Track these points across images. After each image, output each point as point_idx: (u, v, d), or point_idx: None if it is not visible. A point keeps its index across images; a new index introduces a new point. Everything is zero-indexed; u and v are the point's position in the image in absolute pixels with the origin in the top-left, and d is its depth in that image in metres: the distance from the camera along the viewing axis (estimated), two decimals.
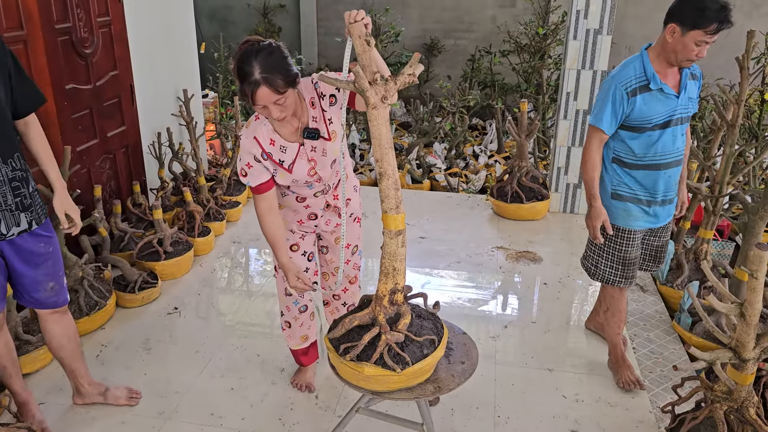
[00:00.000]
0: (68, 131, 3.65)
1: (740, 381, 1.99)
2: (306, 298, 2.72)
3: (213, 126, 5.88)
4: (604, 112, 2.58)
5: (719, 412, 2.02)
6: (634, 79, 2.54)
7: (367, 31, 1.81)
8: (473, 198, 5.38)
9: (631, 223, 2.73)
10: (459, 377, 2.04)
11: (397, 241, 1.96)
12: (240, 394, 2.85)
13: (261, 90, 2.02)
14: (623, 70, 2.58)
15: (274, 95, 2.04)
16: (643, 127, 2.57)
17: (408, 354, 1.92)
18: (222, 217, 4.53)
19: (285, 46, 2.16)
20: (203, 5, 9.02)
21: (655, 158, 2.62)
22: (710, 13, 2.35)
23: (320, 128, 2.27)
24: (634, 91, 2.53)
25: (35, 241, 2.28)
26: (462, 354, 2.15)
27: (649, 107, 2.54)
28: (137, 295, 3.53)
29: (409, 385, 1.97)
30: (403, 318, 1.98)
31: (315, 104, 2.26)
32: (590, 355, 3.17)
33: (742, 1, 7.83)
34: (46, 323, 2.49)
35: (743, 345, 1.94)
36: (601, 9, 4.43)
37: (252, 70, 2.01)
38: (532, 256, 4.28)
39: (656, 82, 2.52)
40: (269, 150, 2.26)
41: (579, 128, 4.76)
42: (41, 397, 2.78)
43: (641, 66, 2.55)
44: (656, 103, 2.54)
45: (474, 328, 3.41)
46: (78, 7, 3.70)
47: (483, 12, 8.63)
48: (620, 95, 2.54)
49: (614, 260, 2.81)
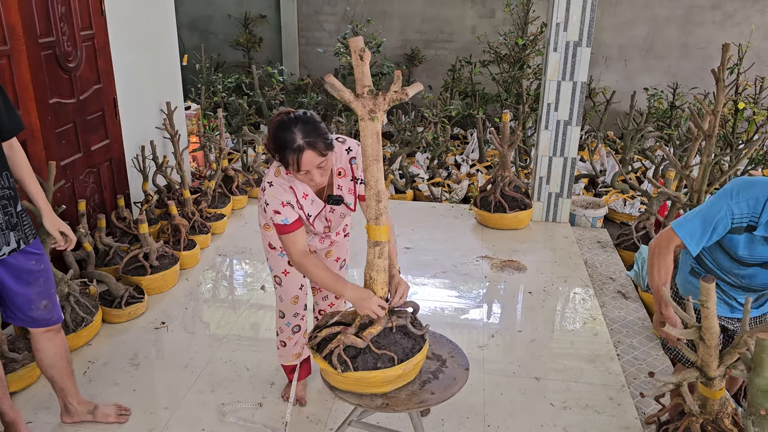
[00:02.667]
0: (52, 146, 3.63)
1: (711, 396, 2.07)
2: (298, 319, 2.74)
3: (196, 138, 5.87)
4: (694, 227, 2.14)
5: (696, 426, 2.09)
6: (748, 217, 2.07)
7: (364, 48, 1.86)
8: (457, 208, 5.43)
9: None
10: (415, 404, 2.02)
11: (374, 251, 2.03)
12: (229, 409, 2.85)
13: (306, 154, 2.08)
14: (744, 199, 2.07)
15: (318, 158, 2.10)
16: (741, 262, 2.18)
17: (360, 361, 1.99)
18: (207, 230, 4.53)
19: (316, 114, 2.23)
20: (184, 16, 8.99)
21: (746, 282, 2.25)
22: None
23: (345, 197, 2.36)
24: (740, 229, 2.10)
25: (27, 259, 2.27)
26: (442, 384, 2.11)
27: (752, 248, 2.13)
28: (124, 310, 3.51)
29: (356, 391, 2.04)
30: (371, 327, 2.04)
31: (343, 174, 2.33)
32: (577, 363, 3.22)
33: (715, 12, 8.02)
34: (38, 342, 2.47)
35: (708, 365, 2.03)
36: (581, 21, 4.53)
37: (294, 137, 2.07)
38: (517, 264, 4.33)
39: (766, 230, 2.05)
40: (302, 202, 2.31)
41: (560, 138, 4.85)
42: (29, 415, 2.75)
43: (763, 203, 2.04)
44: (760, 246, 2.11)
45: (461, 337, 3.45)
46: (61, 20, 3.69)
47: (463, 23, 8.73)
48: (725, 225, 2.10)
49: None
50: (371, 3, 8.72)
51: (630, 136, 6.09)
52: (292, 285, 2.63)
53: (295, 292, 2.65)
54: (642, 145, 6.43)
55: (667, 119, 7.21)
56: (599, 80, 8.37)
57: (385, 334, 2.05)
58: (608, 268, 4.35)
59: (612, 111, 7.77)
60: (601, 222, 5.15)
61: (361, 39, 1.85)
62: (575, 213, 5.12)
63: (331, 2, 8.83)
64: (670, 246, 2.22)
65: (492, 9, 8.60)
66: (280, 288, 2.65)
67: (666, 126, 7.11)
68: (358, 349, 2.01)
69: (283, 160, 2.13)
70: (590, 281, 4.11)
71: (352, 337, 2.01)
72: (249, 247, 4.57)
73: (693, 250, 2.15)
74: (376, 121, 1.87)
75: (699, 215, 2.15)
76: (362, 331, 2.05)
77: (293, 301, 2.67)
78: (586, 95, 7.44)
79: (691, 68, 8.17)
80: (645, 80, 8.22)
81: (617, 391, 3.00)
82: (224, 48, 9.26)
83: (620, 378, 3.09)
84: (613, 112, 7.80)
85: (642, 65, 8.39)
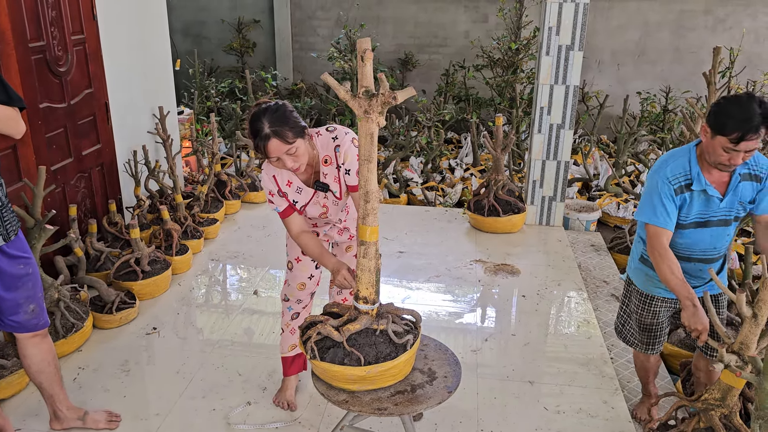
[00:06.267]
0: (43, 150, 3.61)
1: (736, 385, 2.03)
2: (300, 306, 2.77)
3: (189, 143, 5.85)
4: (656, 209, 2.38)
5: (715, 419, 2.05)
6: (680, 176, 2.37)
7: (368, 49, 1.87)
8: (450, 212, 5.43)
9: (649, 289, 2.60)
10: (373, 409, 2.00)
11: (360, 251, 2.04)
12: (222, 415, 2.83)
13: (272, 143, 2.20)
14: (669, 166, 2.40)
15: (284, 146, 2.21)
16: (679, 224, 2.42)
17: (331, 354, 2.03)
18: (200, 235, 4.50)
19: (289, 104, 2.32)
20: (177, 21, 8.98)
21: (684, 252, 2.47)
22: (733, 123, 2.17)
23: (330, 185, 2.43)
24: (681, 189, 2.37)
25: (14, 263, 2.24)
26: (412, 400, 2.06)
27: (689, 207, 2.39)
28: (115, 315, 3.48)
29: (325, 380, 2.09)
30: (352, 323, 2.05)
31: (329, 162, 2.40)
32: (570, 367, 3.22)
33: (706, 17, 8.07)
34: (25, 347, 2.44)
35: (747, 347, 1.98)
36: (573, 26, 4.54)
37: (262, 126, 2.20)
38: (510, 268, 4.33)
39: (700, 183, 2.34)
40: (285, 190, 2.44)
41: (553, 142, 4.85)
42: (18, 423, 2.72)
43: (687, 163, 2.38)
44: (696, 203, 2.38)
45: (455, 341, 3.43)
46: (52, 25, 3.67)
47: (456, 27, 8.74)
48: (669, 193, 2.36)
49: (633, 323, 2.72)
50: (365, 8, 8.73)
51: (623, 140, 6.11)
52: (301, 272, 2.73)
53: (303, 279, 2.74)
54: (635, 148, 6.44)
55: (659, 123, 7.23)
56: (592, 84, 8.40)
57: (366, 334, 2.05)
58: (602, 271, 4.35)
59: (605, 115, 7.79)
60: (594, 225, 5.15)
61: (368, 40, 1.87)
62: (569, 216, 5.12)
63: (325, 7, 8.84)
64: (661, 240, 2.39)
65: (485, 14, 8.62)
66: (290, 273, 2.75)
67: (659, 129, 7.14)
68: (335, 342, 2.05)
69: (257, 148, 2.25)
70: (584, 285, 4.11)
71: (329, 328, 2.04)
72: (242, 252, 4.55)
73: (669, 225, 2.37)
74: (371, 122, 1.88)
75: (647, 197, 2.41)
76: (344, 325, 2.07)
77: (299, 287, 2.75)
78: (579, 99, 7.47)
79: (684, 72, 8.21)
80: (638, 84, 8.24)
81: (611, 395, 2.99)
82: (218, 53, 9.25)
83: (614, 381, 3.08)
84: (606, 116, 7.82)
85: (635, 69, 8.42)
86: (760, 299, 1.92)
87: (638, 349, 2.74)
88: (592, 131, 7.41)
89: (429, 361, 2.24)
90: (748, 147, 2.19)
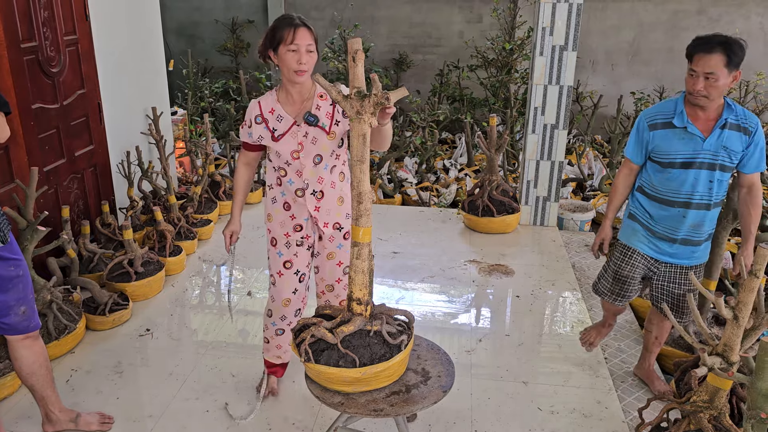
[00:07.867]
0: (35, 151, 3.59)
1: (723, 386, 2.03)
2: (284, 323, 2.74)
3: (182, 143, 5.83)
4: (630, 142, 2.72)
5: (704, 422, 2.05)
6: (660, 114, 2.61)
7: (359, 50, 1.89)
8: (445, 212, 5.43)
9: (633, 242, 2.79)
10: (369, 410, 2.00)
11: (353, 252, 2.04)
12: (215, 416, 2.82)
13: (301, 30, 2.34)
14: (655, 106, 2.66)
15: (310, 38, 2.36)
16: (664, 162, 2.61)
17: (326, 356, 2.01)
18: (193, 236, 4.49)
19: None
20: (170, 22, 8.95)
21: (669, 195, 2.64)
22: (691, 45, 2.47)
23: (321, 119, 2.44)
24: (655, 125, 2.60)
25: (5, 265, 2.23)
26: (408, 400, 2.06)
27: (669, 144, 2.58)
28: (108, 317, 3.47)
29: (319, 383, 2.08)
30: (346, 325, 2.05)
31: (325, 97, 2.47)
32: (564, 367, 3.22)
33: (700, 17, 8.10)
34: (16, 350, 2.43)
35: (731, 348, 1.98)
36: (566, 26, 4.55)
37: (293, 19, 2.37)
38: (504, 269, 4.33)
39: (681, 120, 2.54)
40: (266, 117, 2.49)
41: (547, 142, 4.86)
42: (10, 425, 2.71)
43: (674, 104, 2.60)
44: (677, 140, 2.56)
45: (449, 342, 3.43)
46: (44, 25, 3.65)
47: (450, 27, 8.75)
48: (642, 126, 2.64)
49: (609, 273, 2.93)
50: (359, 8, 8.73)
51: (617, 140, 6.12)
52: (284, 287, 2.68)
53: (287, 295, 2.68)
54: None
55: None
56: (586, 84, 8.42)
57: (361, 335, 2.04)
58: (596, 271, 4.35)
59: (599, 115, 7.81)
60: (588, 225, 5.16)
61: (359, 41, 1.87)
62: (563, 217, 5.13)
63: (319, 7, 8.83)
64: (622, 169, 2.79)
65: (479, 14, 8.63)
66: (273, 288, 2.71)
67: None
68: (328, 344, 2.04)
69: (278, 37, 2.34)
70: (578, 285, 4.11)
71: (323, 330, 2.03)
72: (236, 253, 4.52)
73: (635, 158, 2.71)
74: (363, 123, 1.88)
75: (630, 136, 2.73)
76: (338, 327, 2.06)
77: (284, 303, 2.69)
78: (573, 99, 7.48)
79: (677, 72, 8.23)
80: (632, 84, 8.27)
81: (605, 395, 2.99)
82: (211, 53, 9.23)
83: (608, 381, 3.09)
84: (600, 116, 7.84)
85: (628, 69, 8.44)
86: (740, 301, 1.93)
87: (607, 298, 2.96)
88: (586, 131, 7.43)
89: (422, 361, 2.24)
90: (705, 68, 2.40)
